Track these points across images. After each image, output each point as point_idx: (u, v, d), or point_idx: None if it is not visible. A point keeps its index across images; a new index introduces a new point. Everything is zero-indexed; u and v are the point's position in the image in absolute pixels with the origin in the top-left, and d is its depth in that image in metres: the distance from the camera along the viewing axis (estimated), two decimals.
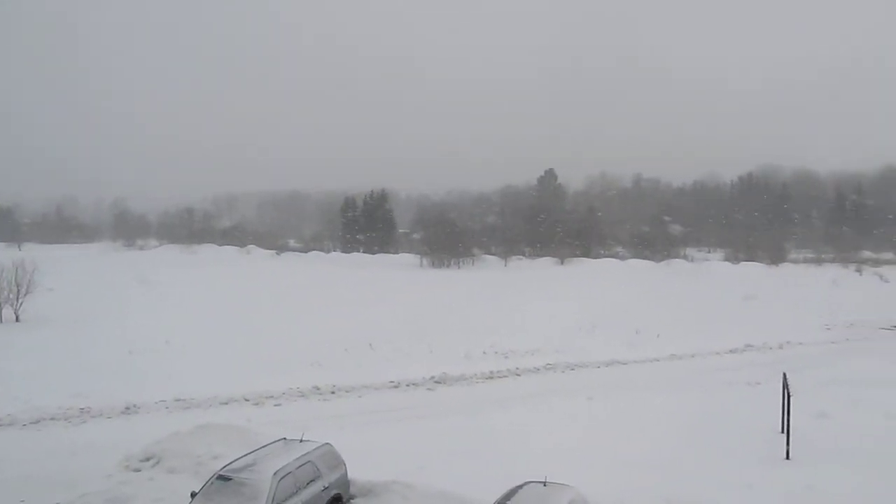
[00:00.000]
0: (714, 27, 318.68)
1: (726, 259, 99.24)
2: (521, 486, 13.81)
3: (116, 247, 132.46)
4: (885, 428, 22.02)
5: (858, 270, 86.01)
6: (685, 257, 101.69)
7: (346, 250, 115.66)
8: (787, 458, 19.29)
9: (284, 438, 16.33)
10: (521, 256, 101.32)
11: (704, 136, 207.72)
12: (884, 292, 72.69)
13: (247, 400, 27.95)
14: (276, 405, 27.49)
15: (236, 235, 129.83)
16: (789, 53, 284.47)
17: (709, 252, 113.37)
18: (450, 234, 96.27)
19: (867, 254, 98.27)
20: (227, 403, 27.37)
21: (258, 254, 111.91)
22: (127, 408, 26.34)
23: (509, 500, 13.16)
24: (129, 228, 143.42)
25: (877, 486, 17.12)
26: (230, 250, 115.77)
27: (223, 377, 30.42)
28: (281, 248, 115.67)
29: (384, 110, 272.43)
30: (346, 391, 30.01)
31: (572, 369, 36.16)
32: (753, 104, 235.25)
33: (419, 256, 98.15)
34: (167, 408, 26.70)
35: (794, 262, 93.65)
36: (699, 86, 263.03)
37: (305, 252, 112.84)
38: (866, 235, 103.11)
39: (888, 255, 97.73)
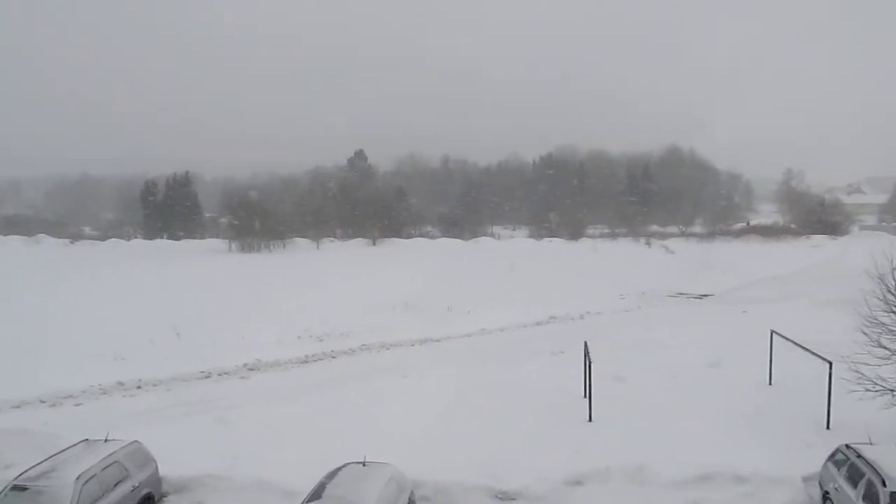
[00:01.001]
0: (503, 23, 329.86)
1: (530, 236, 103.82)
2: (340, 468, 13.95)
3: None
4: (669, 388, 24.13)
5: (648, 243, 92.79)
6: (492, 235, 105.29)
7: (148, 237, 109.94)
8: (590, 420, 20.66)
9: (87, 440, 15.47)
10: (332, 238, 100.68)
11: (508, 120, 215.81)
12: (669, 263, 79.12)
13: (42, 402, 25.92)
14: (76, 405, 25.74)
15: (22, 224, 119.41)
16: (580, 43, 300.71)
17: (514, 230, 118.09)
18: (259, 217, 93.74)
19: (655, 228, 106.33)
20: (19, 407, 25.27)
21: (49, 243, 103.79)
22: None
23: (329, 482, 13.25)
24: None
25: (655, 439, 18.70)
26: (16, 240, 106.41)
27: (12, 378, 27.85)
28: (75, 237, 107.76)
29: (185, 89, 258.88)
30: (154, 385, 28.67)
31: (387, 349, 36.64)
32: (551, 90, 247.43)
33: (227, 241, 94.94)
34: None
35: (592, 237, 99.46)
36: (499, 73, 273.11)
37: (103, 240, 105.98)
38: (654, 210, 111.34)
39: (673, 229, 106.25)
